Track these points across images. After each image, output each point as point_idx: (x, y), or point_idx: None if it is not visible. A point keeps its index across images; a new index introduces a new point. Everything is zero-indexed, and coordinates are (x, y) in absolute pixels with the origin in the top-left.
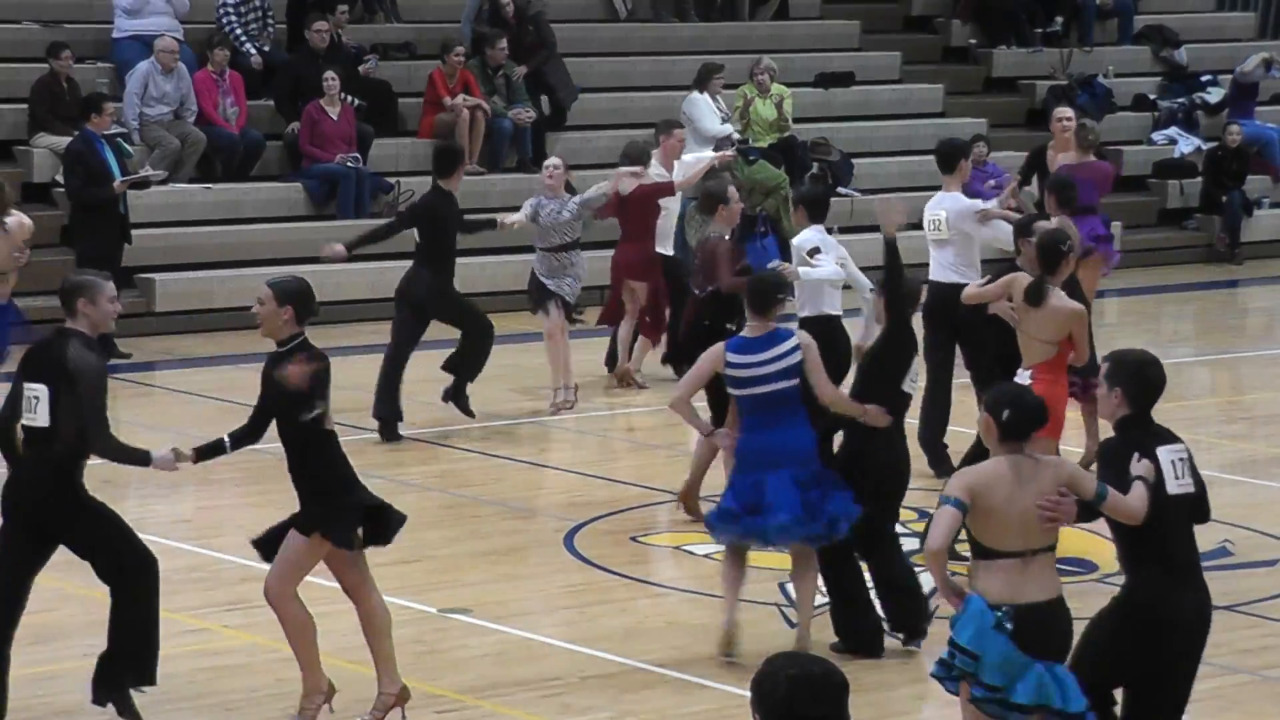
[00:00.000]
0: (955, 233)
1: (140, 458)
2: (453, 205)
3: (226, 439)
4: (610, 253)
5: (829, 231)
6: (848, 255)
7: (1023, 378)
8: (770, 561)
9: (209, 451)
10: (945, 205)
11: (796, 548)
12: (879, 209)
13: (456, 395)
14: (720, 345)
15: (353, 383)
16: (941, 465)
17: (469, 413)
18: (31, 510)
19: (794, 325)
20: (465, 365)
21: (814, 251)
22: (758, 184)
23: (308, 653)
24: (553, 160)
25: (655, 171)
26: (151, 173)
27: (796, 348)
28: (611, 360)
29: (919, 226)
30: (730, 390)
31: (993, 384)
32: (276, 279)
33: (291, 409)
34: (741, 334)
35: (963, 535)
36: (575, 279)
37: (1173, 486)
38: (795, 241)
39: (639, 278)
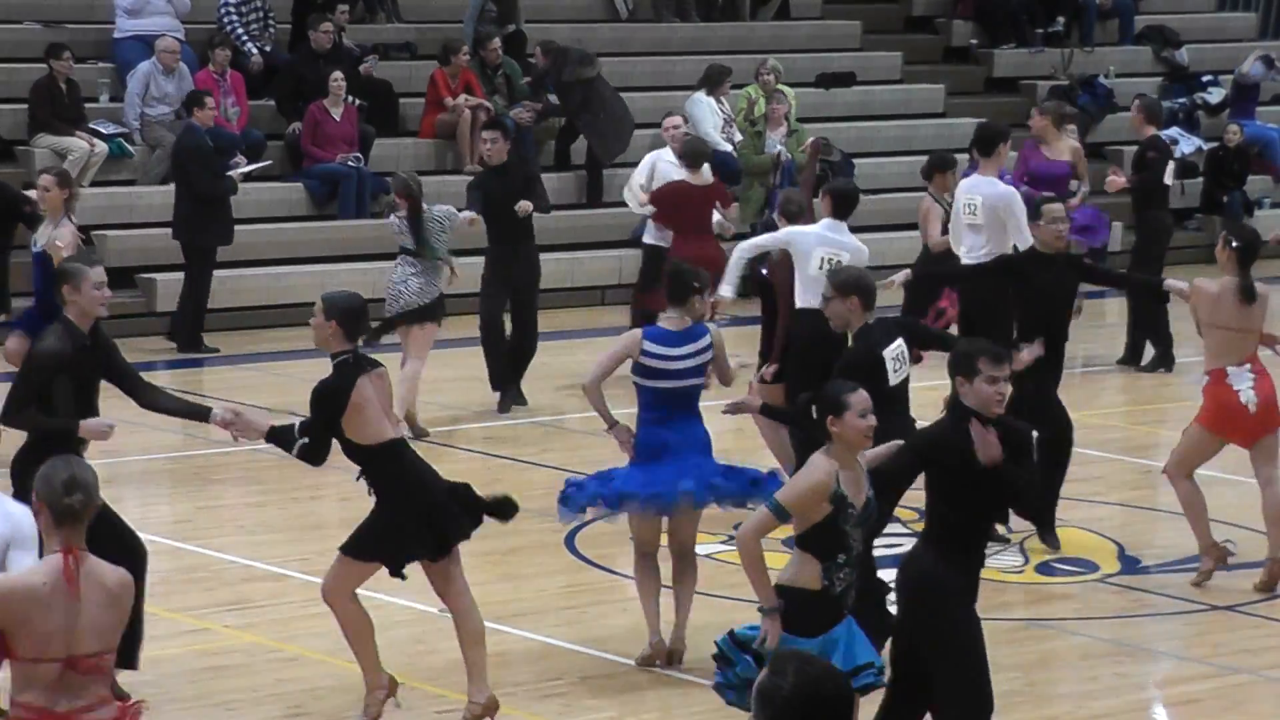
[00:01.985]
0: (989, 218)
1: (62, 428)
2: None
3: (295, 444)
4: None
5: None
6: (864, 252)
7: (1242, 376)
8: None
9: (280, 436)
10: (981, 190)
11: (680, 548)
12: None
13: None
14: (638, 332)
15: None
16: None
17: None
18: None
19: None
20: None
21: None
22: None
23: (366, 651)
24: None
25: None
26: (250, 165)
27: (709, 346)
28: None
29: (913, 226)
30: (639, 380)
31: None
32: (330, 292)
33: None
34: (660, 325)
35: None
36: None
37: None
38: (798, 230)
39: None
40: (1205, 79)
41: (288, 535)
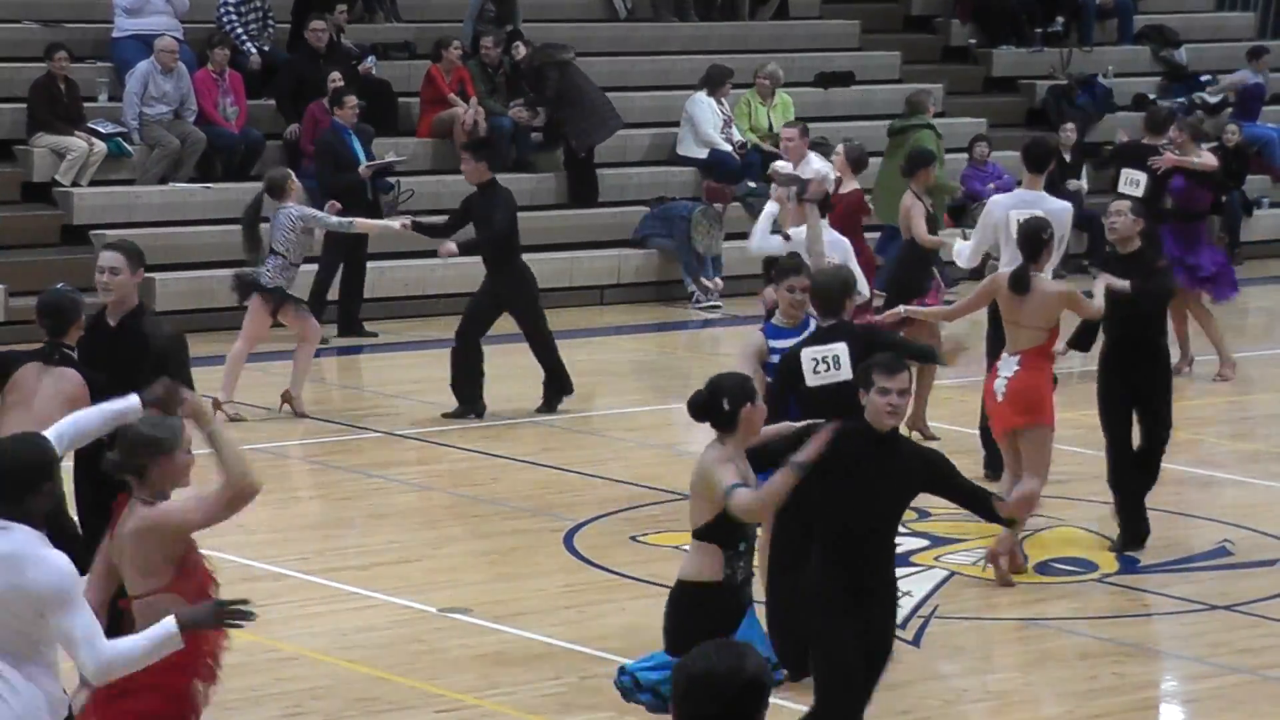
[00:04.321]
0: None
1: None
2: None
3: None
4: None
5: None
6: (849, 251)
7: (1009, 364)
8: None
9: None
10: (1044, 205)
11: None
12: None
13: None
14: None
15: (355, 382)
16: (996, 465)
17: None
18: None
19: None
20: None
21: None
22: (938, 186)
23: None
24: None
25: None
26: (395, 158)
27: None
28: None
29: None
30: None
31: None
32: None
33: None
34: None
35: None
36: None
37: None
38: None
39: None
40: (1204, 79)
41: (286, 535)
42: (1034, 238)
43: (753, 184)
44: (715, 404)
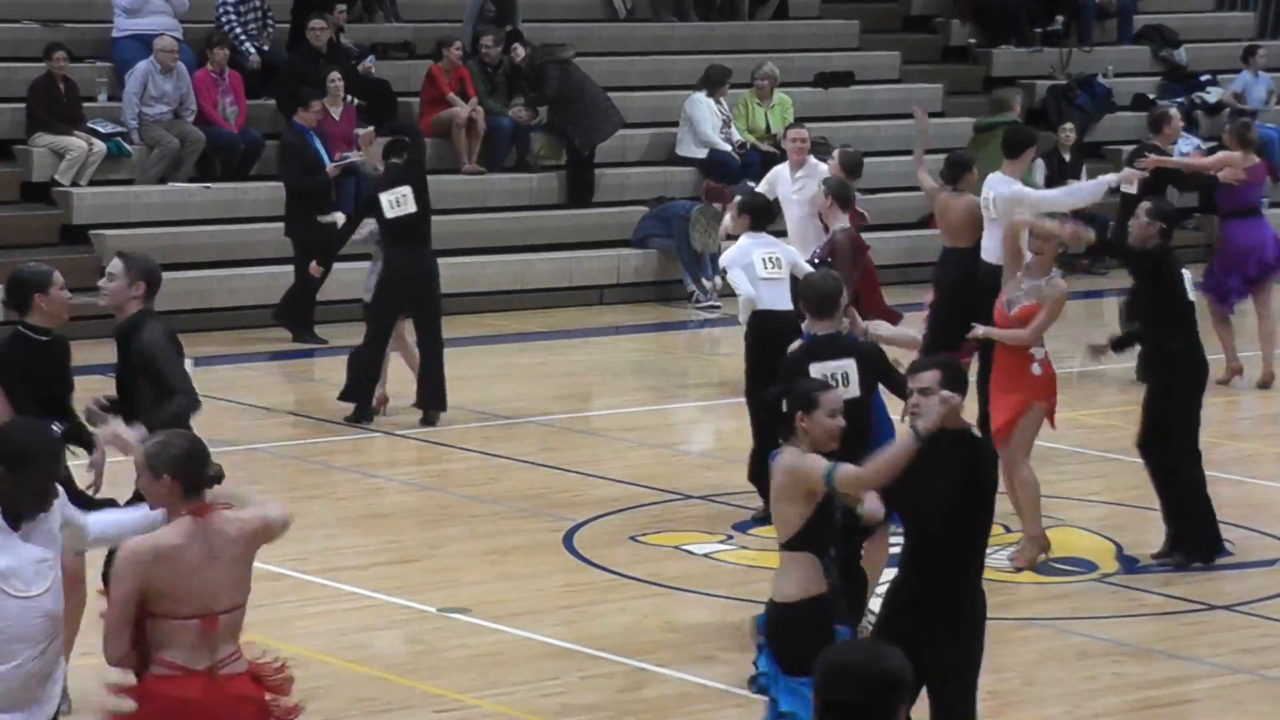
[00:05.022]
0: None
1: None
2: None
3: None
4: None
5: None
6: (798, 257)
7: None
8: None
9: None
10: (993, 188)
11: None
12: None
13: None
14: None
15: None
16: None
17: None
18: None
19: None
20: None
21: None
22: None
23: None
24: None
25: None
26: (359, 156)
27: None
28: None
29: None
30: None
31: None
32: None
33: None
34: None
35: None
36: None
37: None
38: (723, 260)
39: None
40: (1204, 79)
41: (286, 535)
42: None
43: (752, 184)
44: (777, 404)
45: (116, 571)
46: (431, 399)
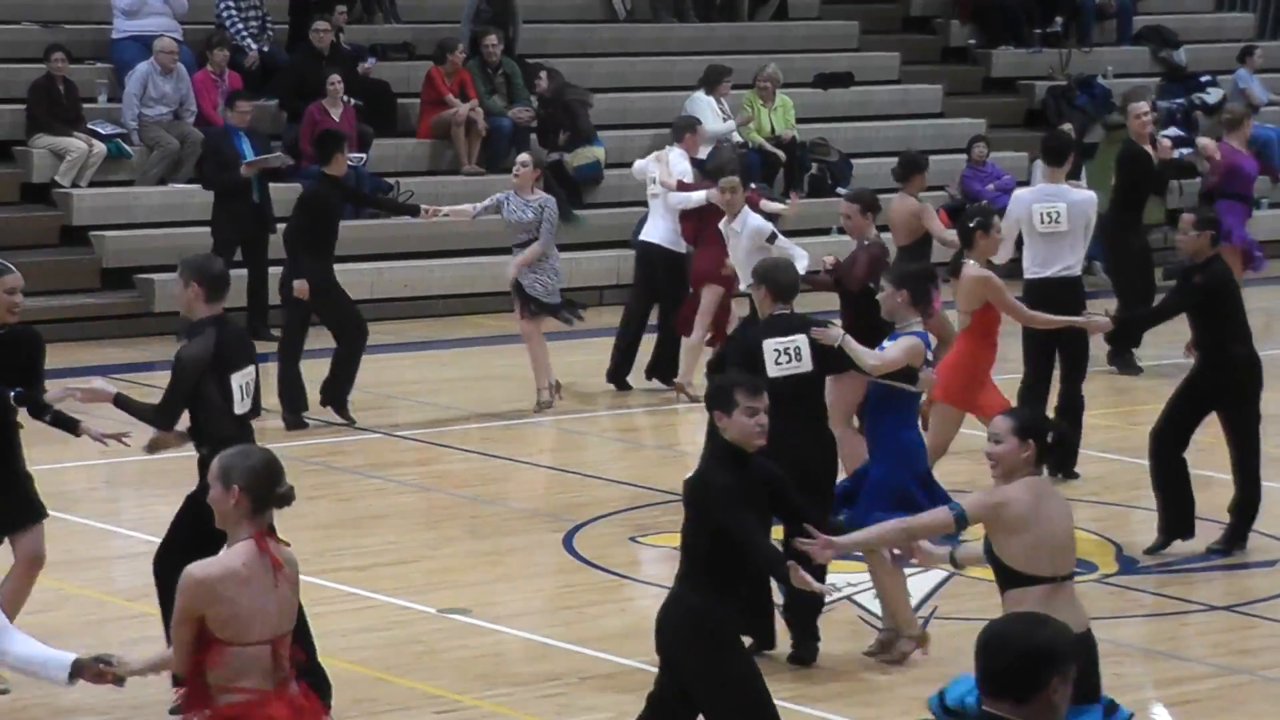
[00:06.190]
0: (1071, 225)
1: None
2: (335, 192)
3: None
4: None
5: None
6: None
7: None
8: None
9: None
10: (1067, 197)
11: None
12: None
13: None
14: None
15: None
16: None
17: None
18: None
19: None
20: (347, 371)
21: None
22: None
23: None
24: (522, 157)
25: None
26: (275, 155)
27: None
28: (655, 367)
29: None
30: (910, 388)
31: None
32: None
33: None
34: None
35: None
36: (549, 277)
37: None
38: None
39: (717, 283)
40: (1203, 79)
41: (286, 535)
42: (961, 227)
43: (753, 184)
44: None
45: (184, 590)
46: (329, 396)
